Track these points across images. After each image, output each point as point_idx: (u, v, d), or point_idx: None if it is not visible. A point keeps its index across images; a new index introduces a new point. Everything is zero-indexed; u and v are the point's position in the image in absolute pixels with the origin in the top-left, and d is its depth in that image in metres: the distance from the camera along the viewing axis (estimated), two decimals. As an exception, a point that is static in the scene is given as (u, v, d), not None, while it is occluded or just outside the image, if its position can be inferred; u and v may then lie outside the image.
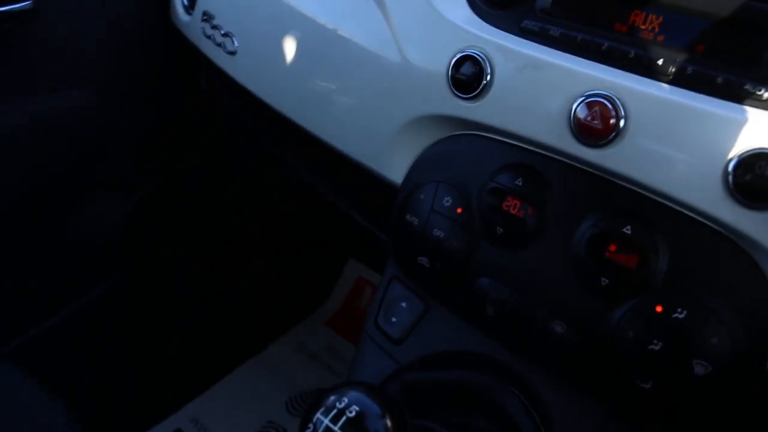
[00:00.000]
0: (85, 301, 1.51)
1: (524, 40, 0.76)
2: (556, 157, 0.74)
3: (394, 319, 0.86)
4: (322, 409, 0.57)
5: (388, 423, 0.57)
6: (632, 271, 0.68)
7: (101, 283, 1.54)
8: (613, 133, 0.67)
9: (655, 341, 0.65)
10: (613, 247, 0.69)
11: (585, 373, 0.71)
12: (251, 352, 1.94)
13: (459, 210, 0.79)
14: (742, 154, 0.61)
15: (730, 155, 0.62)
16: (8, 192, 1.29)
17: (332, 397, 0.58)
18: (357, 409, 0.57)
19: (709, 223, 0.65)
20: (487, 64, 0.76)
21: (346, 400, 0.57)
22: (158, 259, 1.65)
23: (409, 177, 0.86)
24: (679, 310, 0.65)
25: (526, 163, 0.76)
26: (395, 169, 0.88)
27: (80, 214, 1.44)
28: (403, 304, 0.86)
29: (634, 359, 0.67)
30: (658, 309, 0.66)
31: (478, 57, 0.76)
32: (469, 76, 0.77)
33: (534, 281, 0.74)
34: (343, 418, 0.56)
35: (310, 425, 0.57)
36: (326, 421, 0.56)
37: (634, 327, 0.67)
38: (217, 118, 1.59)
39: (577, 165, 0.73)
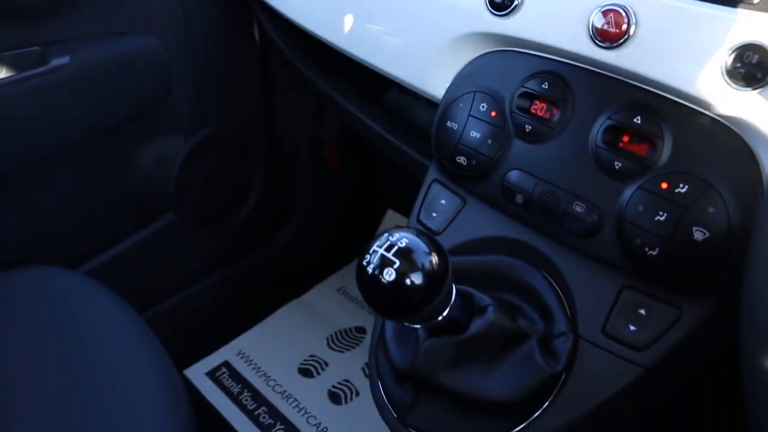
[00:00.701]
0: (144, 235, 1.65)
1: (551, -36, 0.88)
2: (577, 63, 0.86)
3: (434, 215, 0.98)
4: (377, 242, 0.69)
5: (434, 259, 0.68)
6: (642, 156, 0.80)
7: (156, 220, 1.66)
8: (625, 37, 0.79)
9: (661, 213, 0.76)
10: (626, 138, 0.81)
11: (601, 246, 0.83)
12: (294, 295, 2.06)
13: (493, 113, 0.91)
14: (734, 46, 0.73)
15: (725, 48, 0.73)
16: (81, 126, 1.42)
17: (386, 234, 0.69)
18: (407, 241, 0.68)
19: (707, 112, 0.77)
20: (520, -16, 0.88)
21: (397, 235, 0.69)
22: (209, 205, 1.77)
23: (449, 90, 0.98)
24: (681, 185, 0.76)
25: (552, 69, 0.88)
26: (437, 85, 1.00)
27: (142, 152, 1.57)
28: (442, 201, 0.98)
29: (643, 230, 0.78)
30: (664, 186, 0.77)
31: None
32: None
33: (557, 170, 0.86)
34: (395, 248, 0.68)
35: (368, 255, 0.68)
36: (381, 250, 0.68)
37: (643, 202, 0.78)
38: (269, 66, 1.72)
39: (595, 69, 0.85)
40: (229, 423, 1.73)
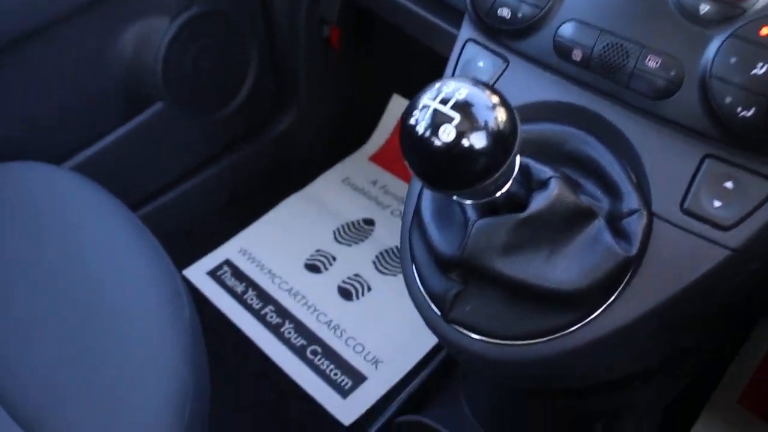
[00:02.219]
0: (132, 126, 1.56)
1: None
2: None
3: (471, 79, 0.85)
4: (427, 94, 0.55)
5: (501, 115, 0.55)
6: None
7: (144, 109, 1.57)
8: None
9: (760, 65, 0.64)
10: None
11: (680, 108, 0.71)
12: (296, 187, 1.97)
13: None
14: None
15: None
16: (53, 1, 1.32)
17: (438, 84, 0.55)
18: (466, 92, 0.54)
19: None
20: None
21: (453, 84, 0.55)
22: (200, 91, 1.67)
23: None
24: None
25: None
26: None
27: (124, 33, 1.47)
28: (480, 63, 0.85)
29: (735, 86, 0.66)
30: (764, 32, 0.65)
31: None
32: None
33: (626, 18, 0.73)
34: (452, 100, 0.54)
35: (416, 111, 0.54)
36: (434, 104, 0.54)
37: (736, 52, 0.66)
38: None
39: None
40: (235, 324, 1.67)
